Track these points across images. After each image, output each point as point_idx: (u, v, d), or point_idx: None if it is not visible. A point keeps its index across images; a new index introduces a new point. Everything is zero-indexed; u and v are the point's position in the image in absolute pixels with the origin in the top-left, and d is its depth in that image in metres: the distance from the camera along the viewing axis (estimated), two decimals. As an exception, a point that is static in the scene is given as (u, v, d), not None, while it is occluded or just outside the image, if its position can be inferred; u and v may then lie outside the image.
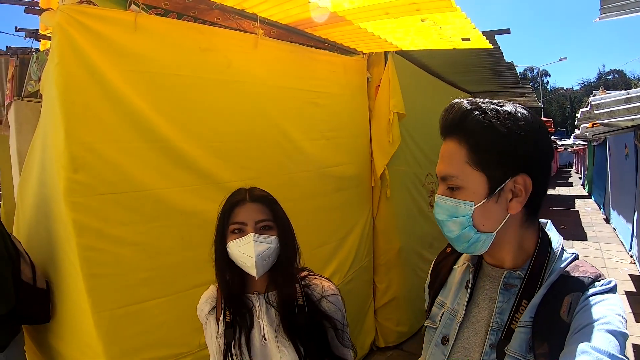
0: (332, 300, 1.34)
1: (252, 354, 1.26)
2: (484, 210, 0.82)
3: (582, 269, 0.83)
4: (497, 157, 0.80)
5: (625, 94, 3.60)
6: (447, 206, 0.85)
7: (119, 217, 1.75)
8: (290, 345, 1.26)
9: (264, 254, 1.25)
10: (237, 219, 1.27)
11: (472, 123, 0.81)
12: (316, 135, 2.82)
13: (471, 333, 0.90)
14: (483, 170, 0.81)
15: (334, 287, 1.39)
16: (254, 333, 1.29)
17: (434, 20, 2.35)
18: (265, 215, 1.29)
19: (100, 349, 1.69)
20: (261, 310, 1.31)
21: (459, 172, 0.83)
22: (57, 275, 1.86)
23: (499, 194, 0.81)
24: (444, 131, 0.87)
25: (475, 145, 0.81)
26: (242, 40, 2.28)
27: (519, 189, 0.81)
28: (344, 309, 1.40)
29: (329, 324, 1.32)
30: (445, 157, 0.86)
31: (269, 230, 1.29)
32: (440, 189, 0.88)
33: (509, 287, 0.87)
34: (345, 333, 1.37)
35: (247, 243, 1.24)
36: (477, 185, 0.82)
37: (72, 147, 1.61)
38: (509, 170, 0.81)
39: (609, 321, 0.72)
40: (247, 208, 1.28)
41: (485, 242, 0.84)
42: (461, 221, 0.83)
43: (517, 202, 0.82)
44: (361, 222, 3.34)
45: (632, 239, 6.50)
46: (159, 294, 1.88)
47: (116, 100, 1.74)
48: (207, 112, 2.10)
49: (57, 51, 1.61)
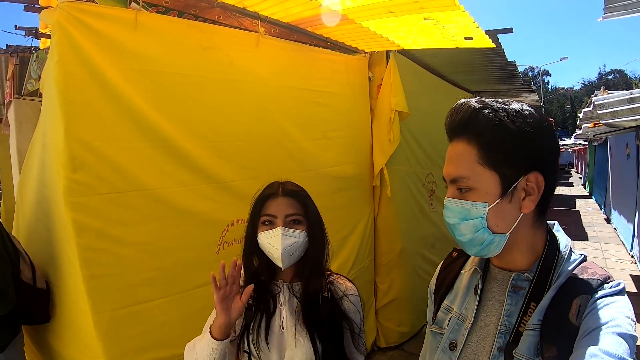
0: (352, 300, 1.38)
1: (269, 340, 1.29)
2: (498, 211, 0.81)
3: (590, 271, 0.82)
4: (509, 155, 0.79)
5: (629, 94, 3.59)
6: (458, 209, 0.83)
7: (119, 217, 1.73)
8: (306, 337, 1.29)
9: (291, 248, 1.29)
10: (268, 212, 1.32)
11: (482, 122, 0.80)
12: (318, 134, 2.81)
13: (479, 337, 0.88)
14: (495, 169, 0.80)
15: (355, 289, 1.43)
16: (274, 320, 1.33)
17: (437, 19, 2.33)
18: (295, 210, 1.33)
19: (100, 349, 1.68)
20: (284, 298, 1.35)
21: (471, 172, 0.81)
22: (57, 275, 1.85)
23: (512, 193, 0.80)
24: (451, 132, 0.85)
25: (487, 144, 0.80)
26: (243, 38, 2.27)
27: (531, 187, 0.81)
28: (362, 313, 1.42)
29: (347, 325, 1.35)
30: (454, 158, 0.84)
31: (298, 224, 1.33)
32: (449, 191, 0.86)
33: (517, 290, 0.85)
34: (361, 338, 1.38)
35: (275, 236, 1.28)
36: (490, 185, 0.80)
37: (71, 146, 1.59)
38: (521, 168, 0.80)
39: (619, 324, 0.71)
40: (279, 202, 1.33)
41: (499, 244, 0.83)
42: (474, 223, 0.81)
43: (530, 200, 0.81)
44: (362, 222, 3.32)
45: (634, 239, 6.49)
46: (160, 295, 1.86)
47: (116, 98, 1.72)
48: (208, 111, 2.08)
49: (56, 49, 1.60)
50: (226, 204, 2.13)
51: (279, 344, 1.30)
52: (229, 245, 2.15)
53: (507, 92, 5.66)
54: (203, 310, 1.57)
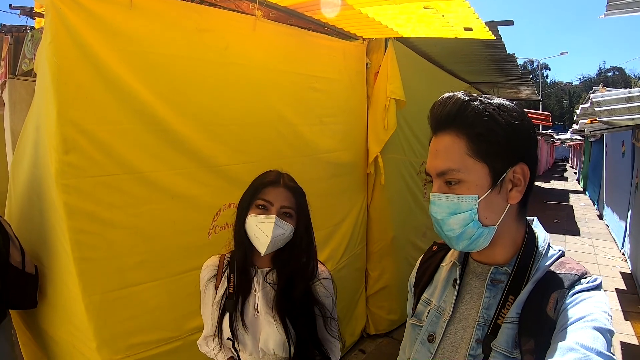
0: (324, 283, 1.43)
1: (245, 324, 1.34)
2: (488, 203, 0.81)
3: (568, 266, 0.83)
4: (499, 146, 0.80)
5: (627, 92, 3.58)
6: (447, 203, 0.83)
7: (110, 200, 1.72)
8: (279, 322, 1.33)
9: (278, 238, 1.33)
10: (266, 197, 1.35)
11: (473, 113, 0.80)
12: (313, 120, 2.80)
13: (458, 330, 0.90)
14: (485, 161, 0.80)
15: (327, 271, 1.48)
16: (249, 304, 1.37)
17: (437, 8, 2.30)
18: (290, 204, 1.37)
19: (90, 332, 1.69)
20: (258, 284, 1.40)
21: (460, 164, 0.81)
22: (49, 258, 1.85)
23: (500, 184, 0.81)
24: (438, 125, 0.85)
25: (477, 135, 0.80)
26: (240, 22, 2.24)
27: (517, 178, 0.82)
28: (335, 296, 1.46)
29: (318, 310, 1.39)
30: (442, 151, 0.83)
31: (289, 217, 1.37)
32: (435, 186, 0.85)
33: (496, 283, 0.87)
34: (334, 322, 1.41)
35: (267, 222, 1.32)
36: (480, 177, 0.81)
37: (63, 128, 1.57)
38: (509, 159, 0.81)
39: (596, 318, 0.72)
40: (279, 191, 1.37)
41: (487, 237, 0.83)
42: (464, 217, 0.81)
43: (517, 191, 0.83)
44: (355, 209, 3.33)
45: (625, 236, 6.55)
46: (150, 278, 1.86)
47: (110, 80, 1.70)
48: (203, 94, 2.06)
49: (49, 30, 1.56)
50: (219, 188, 2.13)
51: (253, 328, 1.35)
52: (220, 229, 2.15)
53: (506, 85, 5.65)
54: (193, 295, 1.58)
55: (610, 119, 3.61)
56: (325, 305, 1.40)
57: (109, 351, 1.73)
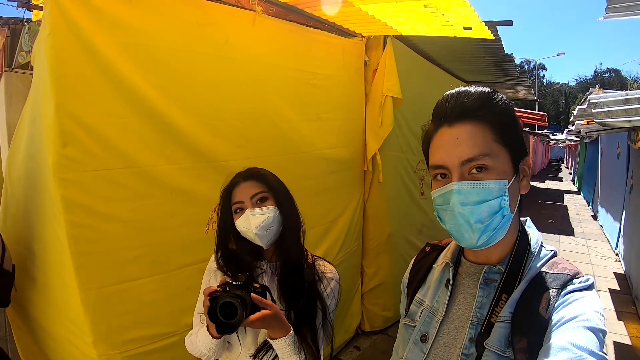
0: (332, 285, 1.43)
1: None
2: (512, 190, 0.82)
3: (560, 266, 0.84)
4: (515, 136, 0.84)
5: (624, 94, 3.59)
6: (476, 190, 0.79)
7: (108, 194, 1.71)
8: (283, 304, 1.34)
9: (264, 224, 1.32)
10: (236, 199, 1.37)
11: (499, 103, 0.83)
12: (311, 116, 2.80)
13: (451, 330, 0.90)
14: (508, 147, 0.82)
15: (336, 274, 1.47)
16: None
17: (437, 6, 2.31)
18: (259, 189, 1.37)
19: (87, 326, 1.68)
20: (267, 278, 1.40)
21: (490, 150, 0.80)
22: (45, 252, 1.84)
23: (517, 173, 0.84)
24: (459, 115, 0.82)
25: (503, 124, 0.82)
26: (240, 17, 2.23)
27: (525, 169, 0.86)
28: (337, 302, 1.46)
29: (320, 306, 1.38)
30: (467, 139, 0.80)
31: (265, 201, 1.36)
32: (456, 175, 0.81)
33: (489, 282, 0.87)
34: (328, 322, 1.41)
35: (246, 219, 1.33)
36: (505, 163, 0.82)
37: (62, 120, 1.56)
38: (521, 150, 0.85)
39: (588, 318, 0.72)
40: (242, 187, 1.38)
41: (506, 227, 0.83)
42: (494, 204, 0.79)
43: (527, 181, 0.86)
44: (352, 206, 3.34)
45: (619, 237, 6.59)
46: (148, 273, 1.86)
47: (109, 73, 1.69)
48: (202, 88, 2.05)
49: (48, 22, 1.55)
50: (218, 183, 2.10)
51: None
52: (217, 225, 2.14)
53: (503, 84, 5.66)
54: (190, 290, 1.58)
55: (607, 120, 3.63)
56: (327, 304, 1.39)
57: (105, 346, 1.72)
